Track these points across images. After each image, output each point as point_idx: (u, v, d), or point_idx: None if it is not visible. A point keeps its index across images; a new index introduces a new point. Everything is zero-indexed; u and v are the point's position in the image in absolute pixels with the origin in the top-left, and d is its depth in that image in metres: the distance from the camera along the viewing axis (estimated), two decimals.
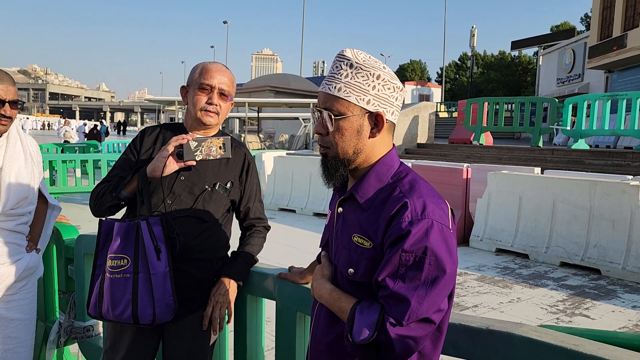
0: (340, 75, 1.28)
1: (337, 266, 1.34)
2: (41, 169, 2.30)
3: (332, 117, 1.28)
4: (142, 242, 1.88)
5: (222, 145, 1.95)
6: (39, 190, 2.28)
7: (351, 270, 1.27)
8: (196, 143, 1.92)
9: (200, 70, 2.03)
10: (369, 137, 1.30)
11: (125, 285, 1.87)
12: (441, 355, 1.36)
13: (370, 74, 1.27)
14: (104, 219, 2.00)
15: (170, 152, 1.92)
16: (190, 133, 2.03)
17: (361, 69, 1.27)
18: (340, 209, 1.38)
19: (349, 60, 1.28)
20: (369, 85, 1.27)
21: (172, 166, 1.94)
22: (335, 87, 1.28)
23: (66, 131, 20.18)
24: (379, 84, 1.28)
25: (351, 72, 1.27)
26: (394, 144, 1.38)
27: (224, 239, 2.13)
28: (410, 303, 1.14)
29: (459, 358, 1.51)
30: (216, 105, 2.02)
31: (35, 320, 2.33)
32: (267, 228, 2.27)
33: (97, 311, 1.91)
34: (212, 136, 2.05)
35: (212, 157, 1.96)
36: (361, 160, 1.32)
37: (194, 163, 1.96)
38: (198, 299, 2.04)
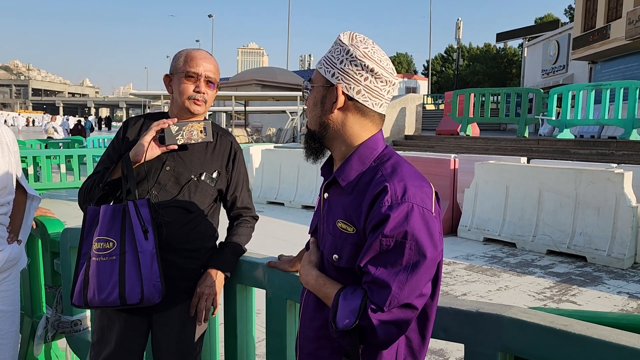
0: (326, 52, 1.33)
1: (323, 252, 1.34)
2: (18, 158, 2.26)
3: (307, 86, 1.35)
4: (130, 222, 1.86)
5: (203, 129, 1.95)
6: (17, 181, 2.24)
7: (336, 256, 1.26)
8: (177, 127, 1.92)
9: (184, 58, 1.99)
10: (330, 112, 1.29)
11: (111, 268, 1.83)
12: (432, 339, 1.36)
13: (343, 49, 1.27)
14: (88, 207, 1.96)
15: (152, 136, 1.91)
16: (171, 118, 2.01)
17: (339, 44, 1.28)
18: (326, 195, 1.37)
19: (337, 38, 1.31)
20: (337, 60, 1.28)
21: (154, 150, 1.92)
22: (319, 61, 1.34)
23: (51, 127, 19.94)
24: (347, 58, 1.26)
25: (333, 48, 1.31)
26: (381, 129, 1.36)
27: (211, 229, 2.11)
28: (391, 288, 1.13)
29: (449, 341, 1.52)
30: (204, 93, 2.00)
31: (19, 312, 2.30)
32: (255, 218, 2.25)
33: (81, 299, 1.86)
34: (193, 120, 2.02)
35: (193, 141, 1.95)
36: (332, 136, 1.32)
37: (175, 147, 1.94)
38: (185, 289, 2.02)
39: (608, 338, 1.24)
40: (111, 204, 1.99)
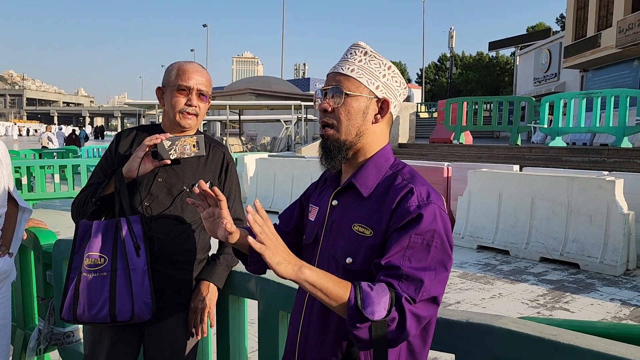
0: (354, 60, 1.34)
1: (335, 256, 1.33)
2: (10, 171, 2.26)
3: (343, 92, 1.31)
4: (122, 239, 1.86)
5: (195, 144, 1.95)
6: (9, 194, 2.24)
7: (349, 259, 1.28)
8: (170, 142, 1.91)
9: (176, 71, 2.00)
10: (372, 122, 1.35)
11: (102, 284, 1.84)
12: None
13: (382, 63, 1.35)
14: (80, 221, 1.96)
15: (144, 152, 1.91)
16: (164, 133, 2.01)
17: (375, 57, 1.35)
18: (335, 202, 1.38)
19: (364, 49, 1.35)
20: (380, 73, 1.34)
21: (147, 165, 1.91)
22: (348, 68, 1.33)
23: (47, 137, 19.86)
24: (389, 74, 1.35)
25: (365, 59, 1.34)
26: (389, 141, 1.42)
27: (204, 241, 2.11)
28: (424, 281, 1.17)
29: (440, 352, 1.53)
30: (195, 106, 2.00)
31: (10, 324, 2.29)
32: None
33: (71, 314, 1.86)
34: (185, 135, 2.02)
35: (186, 156, 1.95)
36: (361, 146, 1.35)
37: (168, 162, 1.93)
38: (178, 300, 2.02)
39: (597, 348, 1.25)
40: (103, 219, 1.99)
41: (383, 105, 1.35)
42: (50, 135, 20.21)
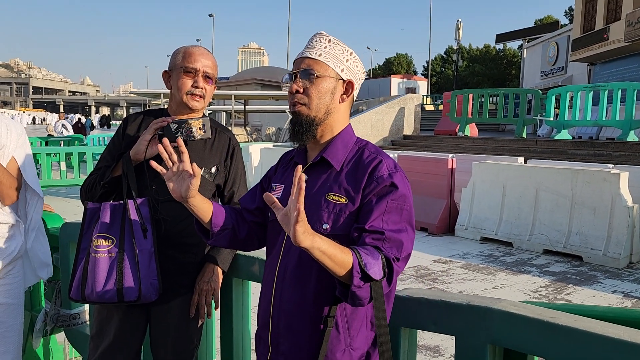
0: (320, 46, 1.47)
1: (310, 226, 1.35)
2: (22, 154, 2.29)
3: (314, 74, 1.43)
4: (130, 221, 1.90)
5: (202, 126, 1.97)
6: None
7: (326, 225, 1.38)
8: (176, 125, 1.94)
9: (183, 54, 2.02)
10: (339, 102, 1.48)
11: (110, 265, 1.88)
12: (422, 332, 1.41)
13: (345, 49, 1.49)
14: (89, 203, 1.99)
15: (152, 134, 1.94)
16: (171, 116, 2.04)
17: (338, 44, 1.48)
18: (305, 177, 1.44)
19: (327, 37, 1.48)
20: (344, 58, 1.48)
21: (154, 148, 1.94)
22: (315, 53, 1.46)
23: (61, 124, 20.00)
24: (351, 59, 1.49)
25: (329, 45, 1.47)
26: (349, 122, 1.56)
27: None
28: (403, 242, 1.33)
29: (440, 333, 1.55)
30: (202, 88, 2.02)
31: (22, 304, 2.32)
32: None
33: (79, 293, 1.90)
34: (192, 118, 2.04)
35: (192, 138, 1.97)
36: (328, 123, 1.47)
37: (175, 144, 1.96)
38: (183, 283, 2.05)
39: (594, 330, 1.26)
40: (112, 201, 2.02)
41: (348, 87, 1.49)
42: (65, 122, 20.35)
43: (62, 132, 19.67)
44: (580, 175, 6.64)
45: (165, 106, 2.23)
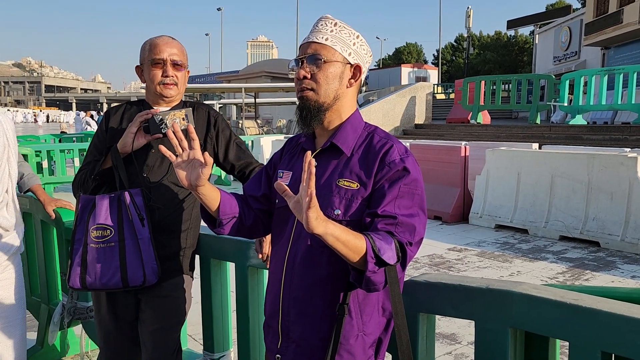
0: (326, 30, 1.43)
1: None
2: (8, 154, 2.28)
3: (322, 59, 1.40)
4: (127, 211, 1.98)
5: (185, 117, 2.02)
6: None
7: (337, 211, 1.36)
8: (160, 117, 2.01)
9: (149, 47, 2.07)
10: (347, 87, 1.45)
11: (111, 254, 1.97)
12: (439, 320, 1.39)
13: (351, 32, 1.45)
14: (81, 194, 2.05)
15: (137, 127, 2.01)
16: (154, 108, 2.09)
17: (344, 27, 1.45)
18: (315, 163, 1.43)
19: (333, 20, 1.45)
20: (350, 41, 1.45)
21: (140, 140, 2.02)
22: (322, 37, 1.42)
23: (85, 121, 20.23)
24: (358, 42, 1.46)
25: (335, 29, 1.44)
26: (357, 107, 1.52)
27: (195, 211, 2.18)
28: (416, 227, 1.32)
29: (459, 318, 1.53)
30: (172, 76, 2.07)
31: (24, 299, 2.33)
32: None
33: (78, 282, 1.98)
34: (174, 108, 2.10)
35: None
36: (336, 108, 1.45)
37: (160, 136, 2.02)
38: (173, 267, 2.12)
39: (619, 311, 1.23)
40: (103, 192, 2.09)
41: (356, 71, 1.46)
42: (88, 119, 20.60)
43: (85, 128, 19.86)
44: (597, 160, 6.54)
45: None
